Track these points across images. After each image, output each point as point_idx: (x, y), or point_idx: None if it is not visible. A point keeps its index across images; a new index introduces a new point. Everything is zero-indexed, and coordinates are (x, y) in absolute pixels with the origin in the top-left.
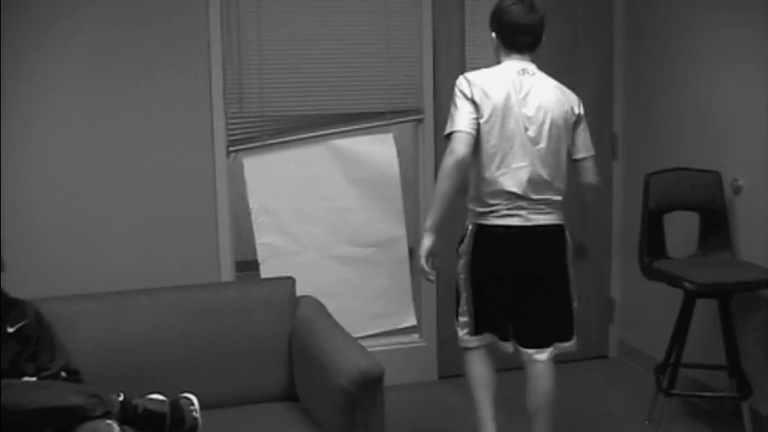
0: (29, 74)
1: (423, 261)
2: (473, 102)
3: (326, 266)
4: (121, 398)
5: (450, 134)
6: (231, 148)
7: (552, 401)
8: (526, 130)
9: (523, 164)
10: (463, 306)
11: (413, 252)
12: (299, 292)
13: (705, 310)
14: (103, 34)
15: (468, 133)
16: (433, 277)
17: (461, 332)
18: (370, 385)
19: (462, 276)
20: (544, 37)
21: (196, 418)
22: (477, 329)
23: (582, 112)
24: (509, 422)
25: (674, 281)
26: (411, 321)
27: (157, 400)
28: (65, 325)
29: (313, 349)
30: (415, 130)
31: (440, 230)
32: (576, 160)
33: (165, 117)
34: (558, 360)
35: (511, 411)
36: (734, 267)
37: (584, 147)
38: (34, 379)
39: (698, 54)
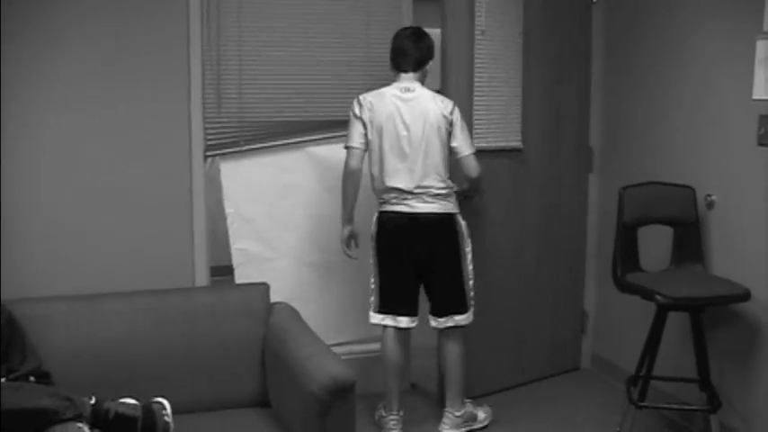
0: (7, 79)
1: (343, 245)
2: (361, 120)
3: (301, 273)
4: (93, 401)
5: (345, 147)
6: (208, 153)
7: (458, 362)
8: (406, 137)
9: (405, 165)
10: (372, 285)
11: None
12: (274, 298)
13: (677, 323)
14: (79, 37)
15: (358, 148)
16: (353, 255)
17: (370, 310)
18: (341, 392)
19: (372, 259)
20: (431, 62)
21: (168, 423)
22: (380, 307)
23: (456, 116)
24: None
25: (646, 294)
26: None
27: (129, 405)
28: (37, 327)
29: (286, 356)
30: None
31: (352, 220)
32: (460, 158)
33: (142, 120)
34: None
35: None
36: (706, 281)
37: (463, 147)
38: (3, 380)
39: (674, 71)
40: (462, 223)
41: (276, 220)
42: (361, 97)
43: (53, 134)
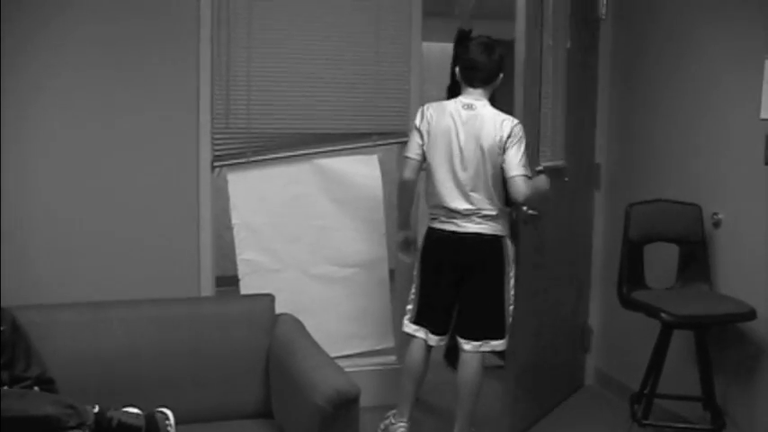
0: (12, 84)
1: (397, 250)
2: (420, 131)
3: (306, 285)
4: (96, 410)
5: (404, 157)
6: (216, 163)
7: (474, 388)
8: (459, 156)
9: (455, 184)
10: (411, 296)
11: (394, 274)
12: (279, 309)
13: (682, 341)
14: (90, 42)
15: (415, 159)
16: (408, 259)
17: (405, 318)
18: (345, 405)
19: (416, 270)
20: (501, 75)
21: None
22: (416, 318)
23: (512, 139)
24: None
25: (651, 311)
26: (389, 343)
27: (132, 414)
28: (42, 334)
29: (290, 367)
30: (400, 152)
31: (408, 226)
32: (507, 179)
33: (150, 129)
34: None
35: None
36: (711, 300)
37: (511, 167)
38: (6, 388)
39: (681, 89)
40: (510, 246)
41: (282, 231)
42: (424, 108)
43: (60, 143)
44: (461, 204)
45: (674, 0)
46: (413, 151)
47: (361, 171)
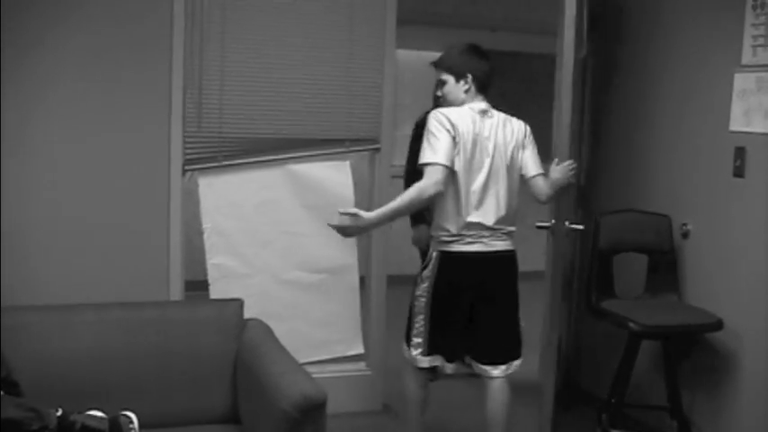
0: None
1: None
2: (453, 138)
3: (276, 290)
4: (60, 413)
5: (429, 164)
6: (187, 167)
7: (507, 414)
8: (488, 167)
9: (485, 197)
10: (418, 328)
11: (364, 280)
12: (248, 314)
13: (650, 350)
14: (60, 46)
15: (449, 167)
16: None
17: (414, 352)
18: (312, 411)
19: (423, 299)
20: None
21: None
22: (429, 350)
23: (528, 138)
24: None
25: (619, 321)
26: (358, 349)
27: (96, 417)
28: (7, 336)
29: (257, 372)
30: (372, 159)
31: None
32: (528, 178)
33: (121, 132)
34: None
35: None
36: (679, 310)
37: (531, 166)
38: None
39: (653, 101)
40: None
41: (253, 236)
42: (444, 111)
43: (29, 143)
44: (491, 219)
45: (648, 14)
46: (446, 157)
47: (333, 177)
